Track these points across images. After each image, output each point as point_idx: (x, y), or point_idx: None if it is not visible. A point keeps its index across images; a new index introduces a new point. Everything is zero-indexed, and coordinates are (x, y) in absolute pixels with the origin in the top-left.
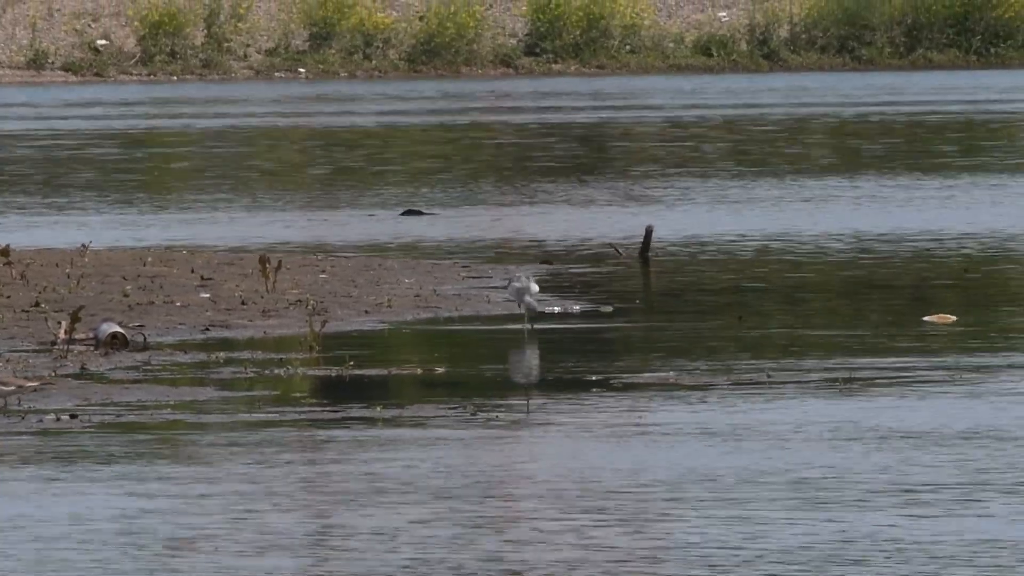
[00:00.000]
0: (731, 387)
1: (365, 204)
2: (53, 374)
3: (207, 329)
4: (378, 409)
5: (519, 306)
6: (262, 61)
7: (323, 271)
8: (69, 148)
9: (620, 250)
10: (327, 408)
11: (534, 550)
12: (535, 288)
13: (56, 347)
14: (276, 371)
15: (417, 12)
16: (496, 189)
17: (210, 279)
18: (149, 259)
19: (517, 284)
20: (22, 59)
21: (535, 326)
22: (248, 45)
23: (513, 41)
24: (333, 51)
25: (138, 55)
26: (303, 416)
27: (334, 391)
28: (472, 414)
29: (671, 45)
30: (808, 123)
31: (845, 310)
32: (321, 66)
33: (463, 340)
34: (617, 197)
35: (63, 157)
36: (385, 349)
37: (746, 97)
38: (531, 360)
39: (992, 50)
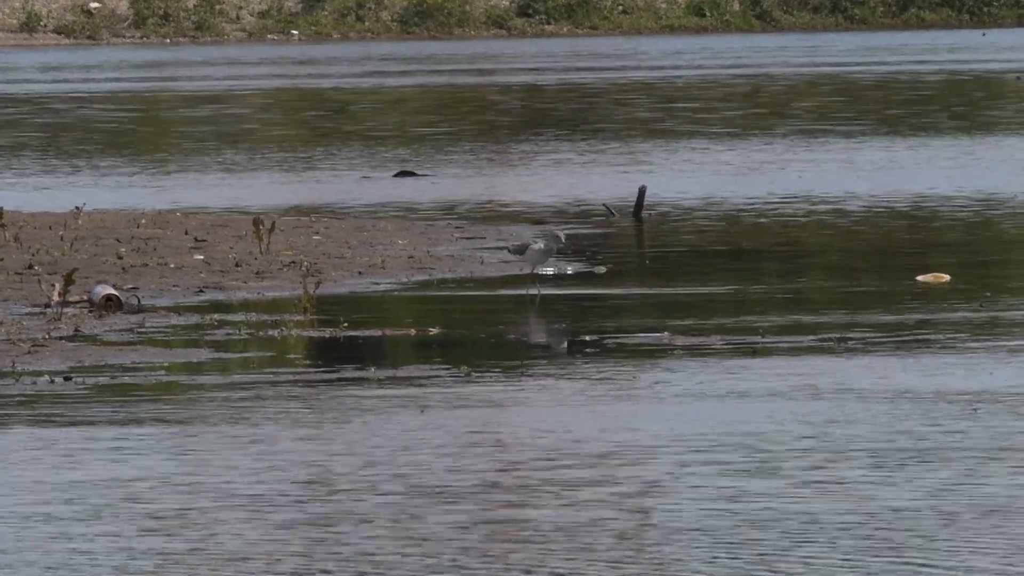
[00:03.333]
0: (725, 346)
1: (359, 165)
2: (47, 336)
3: (201, 291)
4: (372, 370)
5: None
6: (255, 24)
7: (316, 232)
8: (62, 111)
9: (613, 210)
10: (321, 369)
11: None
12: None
13: (50, 309)
14: (270, 332)
15: None
16: (490, 150)
17: (204, 241)
18: (143, 221)
19: (536, 247)
20: (15, 22)
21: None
22: (241, 7)
23: (505, 2)
24: (326, 13)
25: (131, 18)
26: (297, 377)
27: (328, 352)
28: (466, 375)
29: (664, 6)
30: (804, 83)
31: (840, 270)
32: (314, 28)
33: (457, 301)
34: (610, 157)
35: (57, 120)
36: (379, 310)
37: (743, 57)
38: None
39: (984, 9)
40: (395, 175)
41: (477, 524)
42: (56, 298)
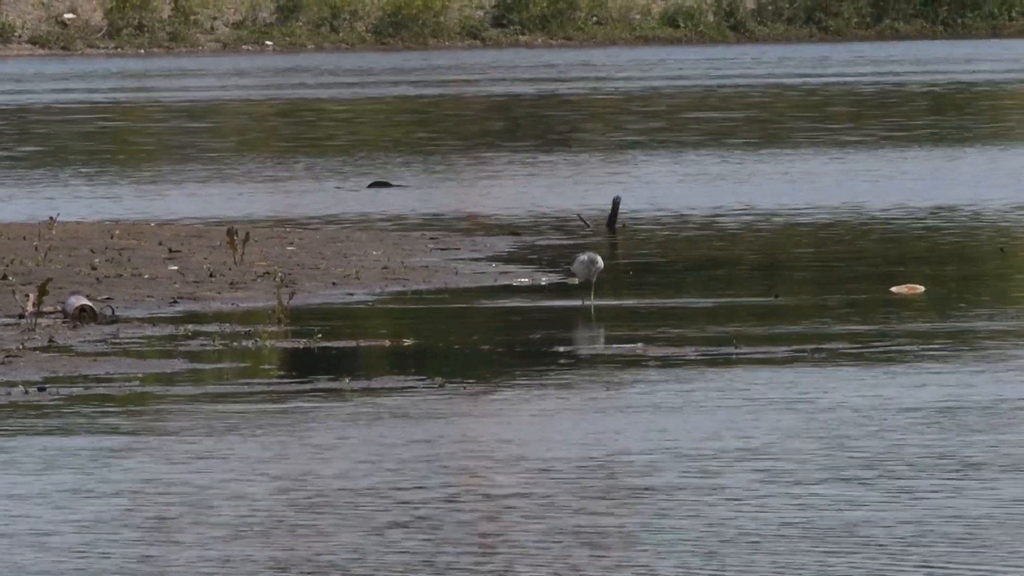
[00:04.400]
0: (699, 357)
1: (333, 176)
2: (21, 347)
3: (175, 301)
4: (346, 381)
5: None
6: (229, 34)
7: (291, 243)
8: (36, 121)
9: (587, 221)
10: (295, 380)
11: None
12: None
13: (24, 320)
14: (244, 343)
15: None
16: (464, 160)
17: (178, 251)
18: (117, 232)
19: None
20: None
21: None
22: (215, 18)
23: (480, 13)
24: (300, 23)
25: (105, 28)
26: (271, 388)
27: (302, 363)
28: (440, 386)
29: (638, 17)
30: (779, 94)
31: (814, 281)
32: (288, 39)
33: (431, 312)
34: (584, 168)
35: (31, 130)
36: (353, 321)
37: (718, 68)
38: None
39: (959, 20)
40: (369, 186)
41: (441, 537)
42: (30, 308)
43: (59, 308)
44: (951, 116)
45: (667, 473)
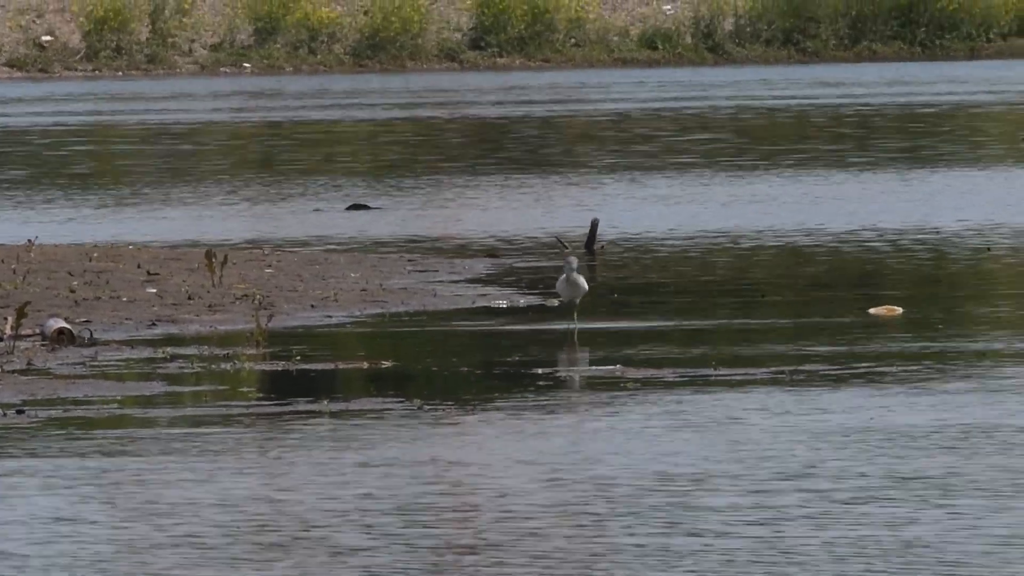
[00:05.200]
0: (678, 379)
1: (310, 198)
2: None
3: (153, 324)
4: (324, 403)
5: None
6: (207, 56)
7: (269, 266)
8: (14, 143)
9: (565, 243)
10: (274, 402)
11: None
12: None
13: (2, 343)
14: (223, 366)
15: (362, 6)
16: (442, 183)
17: (156, 274)
18: (95, 254)
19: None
20: None
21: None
22: (193, 40)
23: (458, 35)
24: (278, 46)
25: (83, 51)
26: (250, 410)
27: (281, 385)
28: (419, 408)
29: (616, 39)
30: (754, 116)
31: (792, 303)
32: (266, 61)
33: (410, 334)
34: (562, 190)
35: (9, 152)
36: (331, 343)
37: (694, 90)
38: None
39: (937, 42)
40: (347, 208)
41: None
42: (8, 331)
43: (37, 331)
44: (928, 137)
45: (648, 495)
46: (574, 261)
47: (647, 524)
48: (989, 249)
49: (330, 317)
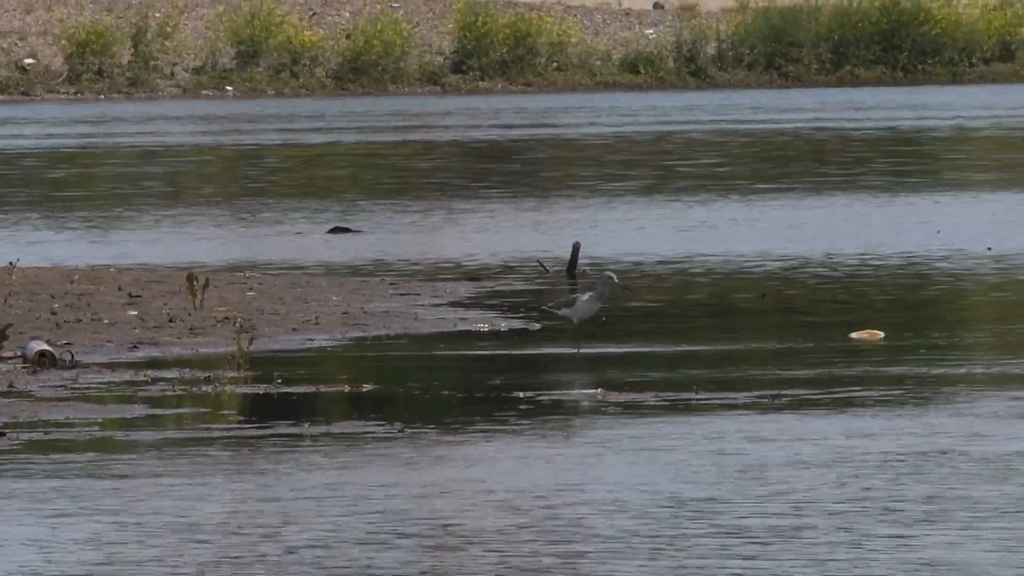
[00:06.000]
0: (659, 403)
1: (292, 221)
2: None
3: (135, 347)
4: (306, 426)
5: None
6: (189, 79)
7: (250, 288)
8: None
9: (547, 267)
10: (255, 425)
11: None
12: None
13: None
14: (204, 388)
15: (344, 30)
16: (423, 206)
17: (138, 297)
18: (76, 277)
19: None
20: None
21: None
22: (175, 63)
23: (440, 59)
24: (260, 69)
25: (65, 74)
26: (231, 433)
27: (262, 408)
28: (400, 431)
29: (598, 63)
30: (735, 139)
31: (774, 328)
32: (248, 84)
33: (391, 357)
34: (545, 214)
35: None
36: (313, 366)
37: (673, 114)
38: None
39: (919, 67)
40: (329, 231)
41: None
42: None
43: (19, 353)
44: (910, 162)
45: (628, 520)
46: (613, 276)
47: (627, 551)
48: (989, 248)
49: (311, 340)
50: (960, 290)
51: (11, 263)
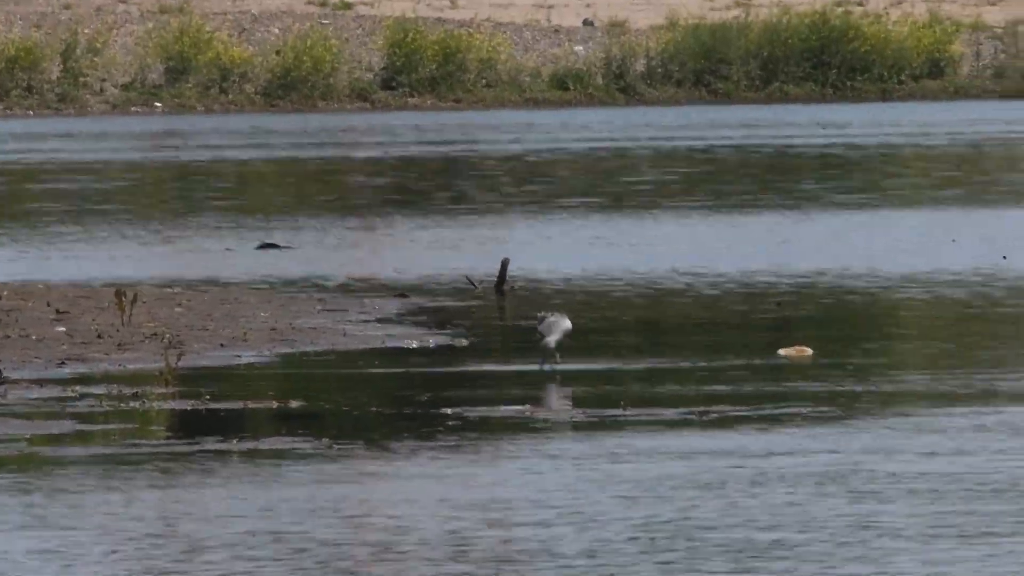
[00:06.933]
0: (586, 419)
1: (221, 237)
2: None
3: (63, 363)
4: (233, 442)
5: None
6: (118, 95)
7: (179, 304)
8: None
9: (476, 283)
10: (183, 441)
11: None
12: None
13: None
14: (132, 404)
15: (273, 46)
16: (352, 222)
17: (66, 313)
18: (4, 293)
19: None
20: None
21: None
22: (104, 79)
23: (369, 75)
24: (189, 85)
25: None
26: (159, 449)
27: (190, 424)
28: (328, 447)
29: (527, 79)
30: (664, 156)
31: (702, 345)
32: (177, 100)
33: (319, 374)
34: (473, 230)
35: None
36: (241, 382)
37: (602, 131)
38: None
39: (848, 84)
40: (258, 247)
41: None
42: None
43: None
44: (838, 179)
45: (553, 534)
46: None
47: (549, 568)
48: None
49: (240, 356)
50: (888, 307)
51: None
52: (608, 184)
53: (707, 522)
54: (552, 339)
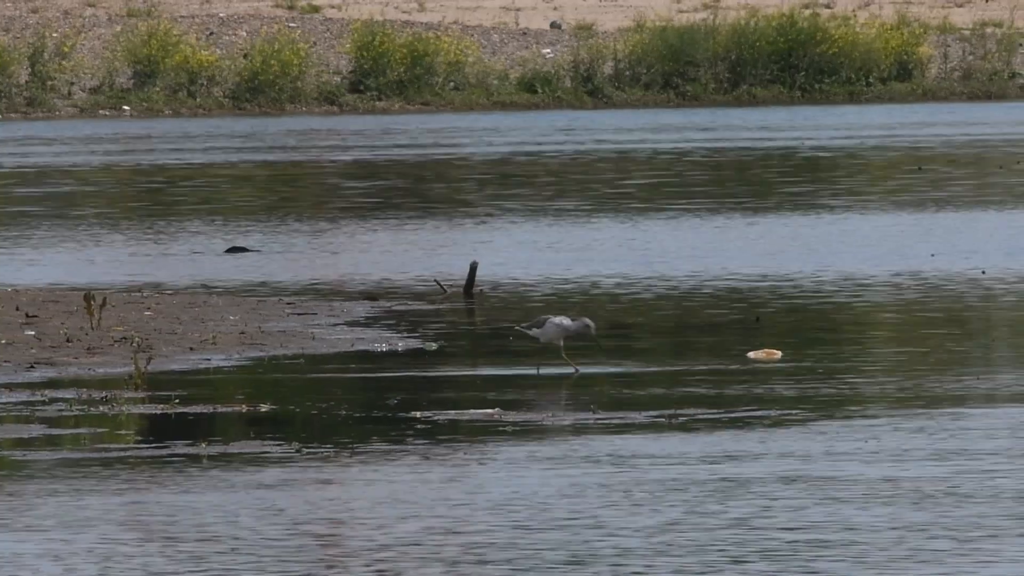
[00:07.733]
0: (555, 423)
1: (190, 241)
2: None
3: (32, 367)
4: (203, 446)
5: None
6: (86, 99)
7: (148, 308)
8: None
9: (444, 287)
10: (152, 445)
11: None
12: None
13: None
14: (101, 408)
15: (241, 50)
16: (321, 225)
17: (35, 316)
18: None
19: (556, 321)
20: None
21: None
22: (72, 83)
23: (337, 78)
24: (157, 89)
25: None
26: (128, 453)
27: (159, 428)
28: (297, 451)
29: (495, 82)
30: (629, 160)
31: (670, 348)
32: (145, 104)
33: (288, 377)
34: (442, 234)
35: None
36: (210, 386)
37: (572, 134)
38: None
39: (816, 86)
40: (226, 251)
41: None
42: None
43: None
44: (806, 182)
45: (523, 537)
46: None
47: (520, 571)
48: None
49: (209, 360)
50: (858, 310)
51: None
52: (576, 187)
53: (677, 525)
54: (544, 334)
